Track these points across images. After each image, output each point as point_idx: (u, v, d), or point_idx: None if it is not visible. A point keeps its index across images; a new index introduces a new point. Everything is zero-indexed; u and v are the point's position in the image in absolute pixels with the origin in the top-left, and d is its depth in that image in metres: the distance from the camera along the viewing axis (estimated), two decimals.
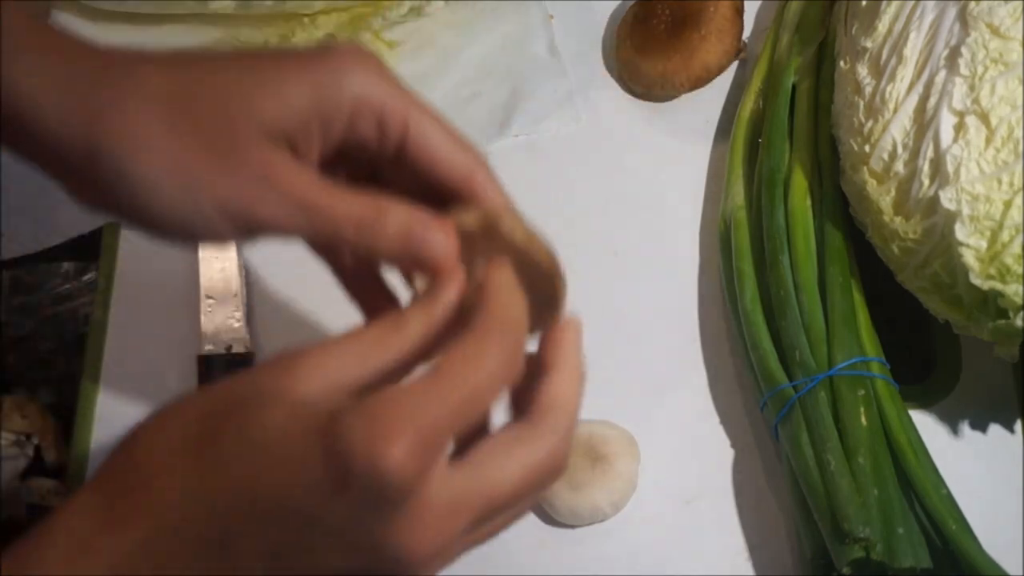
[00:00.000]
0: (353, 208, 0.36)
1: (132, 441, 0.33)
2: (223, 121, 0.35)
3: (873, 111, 0.53)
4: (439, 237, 0.36)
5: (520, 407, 0.36)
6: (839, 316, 0.54)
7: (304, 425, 0.31)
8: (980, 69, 0.49)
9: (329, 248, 0.43)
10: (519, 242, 0.36)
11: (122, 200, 0.36)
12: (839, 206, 0.57)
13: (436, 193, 0.38)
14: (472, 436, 0.35)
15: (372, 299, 0.44)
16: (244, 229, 0.36)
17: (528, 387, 0.36)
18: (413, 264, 0.36)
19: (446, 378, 0.32)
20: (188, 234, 0.36)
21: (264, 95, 0.35)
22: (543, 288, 0.38)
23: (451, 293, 0.35)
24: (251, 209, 0.35)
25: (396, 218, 0.36)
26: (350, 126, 0.37)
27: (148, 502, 0.32)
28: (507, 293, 0.35)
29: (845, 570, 0.48)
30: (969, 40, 0.50)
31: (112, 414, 0.59)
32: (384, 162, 0.39)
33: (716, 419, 0.57)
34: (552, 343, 0.37)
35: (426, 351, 0.35)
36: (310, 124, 0.36)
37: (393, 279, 0.43)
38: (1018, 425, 0.56)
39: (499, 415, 0.37)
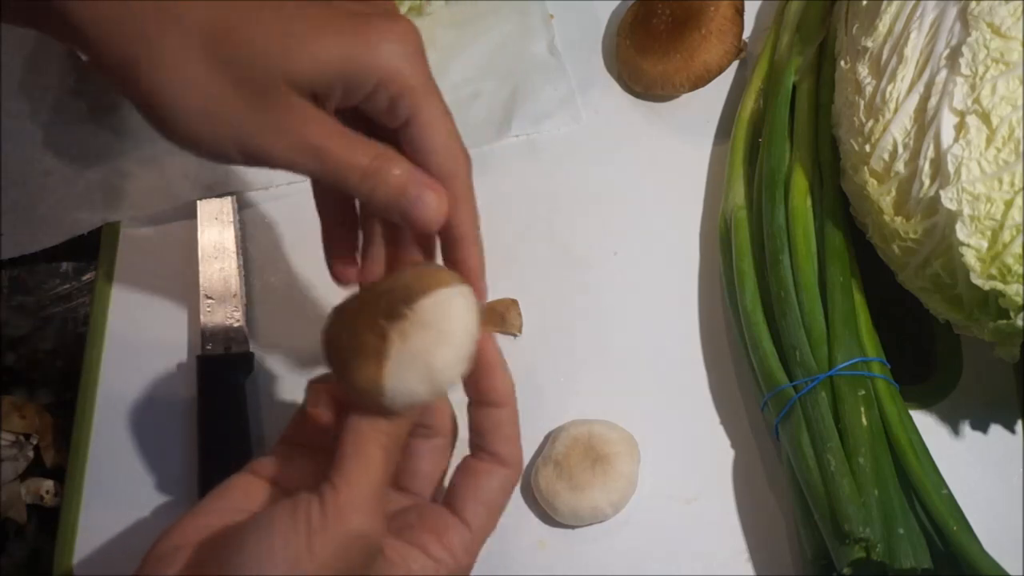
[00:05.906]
0: (360, 158, 0.38)
1: None
2: (254, 67, 0.37)
3: (874, 111, 0.53)
4: (431, 198, 0.39)
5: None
6: (839, 316, 0.54)
7: None
8: (981, 69, 0.49)
9: (328, 187, 0.45)
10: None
11: (149, 112, 0.38)
12: (839, 206, 0.57)
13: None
14: None
15: (340, 240, 0.46)
16: (255, 162, 0.39)
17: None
18: (402, 218, 0.39)
19: None
20: (202, 154, 0.39)
21: (299, 53, 0.37)
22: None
23: None
24: (267, 149, 0.38)
25: (397, 175, 0.39)
26: (368, 96, 0.39)
27: None
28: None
29: (845, 570, 0.47)
30: (970, 40, 0.50)
31: (112, 414, 0.59)
32: (385, 129, 0.41)
33: (716, 419, 0.57)
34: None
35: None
36: (334, 86, 0.38)
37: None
38: (1019, 425, 0.55)
39: None
